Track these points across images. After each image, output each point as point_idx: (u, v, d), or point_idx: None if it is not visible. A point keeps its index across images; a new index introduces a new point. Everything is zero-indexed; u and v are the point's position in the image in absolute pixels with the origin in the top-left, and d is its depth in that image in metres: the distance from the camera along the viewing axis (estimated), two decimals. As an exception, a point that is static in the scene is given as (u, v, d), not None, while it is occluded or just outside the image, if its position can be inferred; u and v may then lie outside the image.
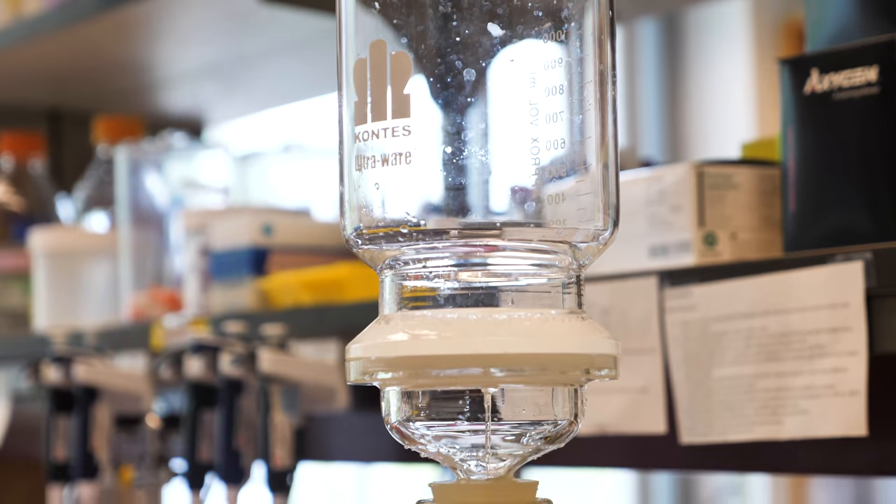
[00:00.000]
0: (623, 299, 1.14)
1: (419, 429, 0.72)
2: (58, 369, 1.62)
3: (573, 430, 0.73)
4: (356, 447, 1.55)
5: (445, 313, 0.70)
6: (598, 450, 1.27)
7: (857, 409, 1.00)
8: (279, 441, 1.42)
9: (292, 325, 1.44)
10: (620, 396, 1.17)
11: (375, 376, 0.71)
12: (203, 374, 1.47)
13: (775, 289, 1.04)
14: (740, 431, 1.09)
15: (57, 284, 1.87)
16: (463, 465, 0.72)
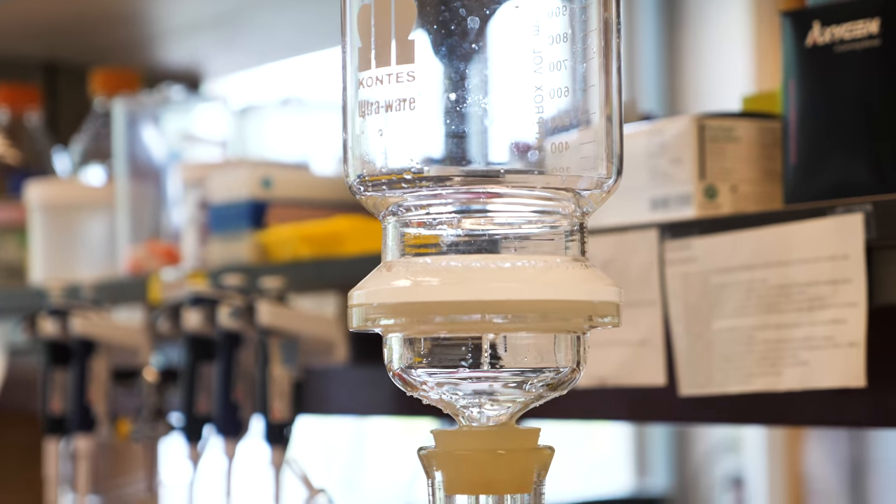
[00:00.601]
0: (623, 252, 1.14)
1: (421, 376, 0.72)
2: (54, 322, 1.62)
3: (575, 378, 0.73)
4: (354, 400, 1.55)
5: (448, 260, 0.70)
6: (597, 402, 1.27)
7: (856, 360, 1.01)
8: (277, 394, 1.42)
9: (291, 279, 1.43)
10: (620, 349, 1.17)
11: (378, 323, 0.71)
12: (201, 326, 1.47)
13: (775, 241, 1.04)
14: (739, 383, 1.09)
15: (53, 238, 1.86)
16: (465, 411, 0.72)
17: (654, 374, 1.15)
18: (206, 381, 1.49)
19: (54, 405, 1.63)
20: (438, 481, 0.71)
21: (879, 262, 1.00)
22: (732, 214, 1.10)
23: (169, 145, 1.78)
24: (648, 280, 1.14)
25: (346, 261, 1.41)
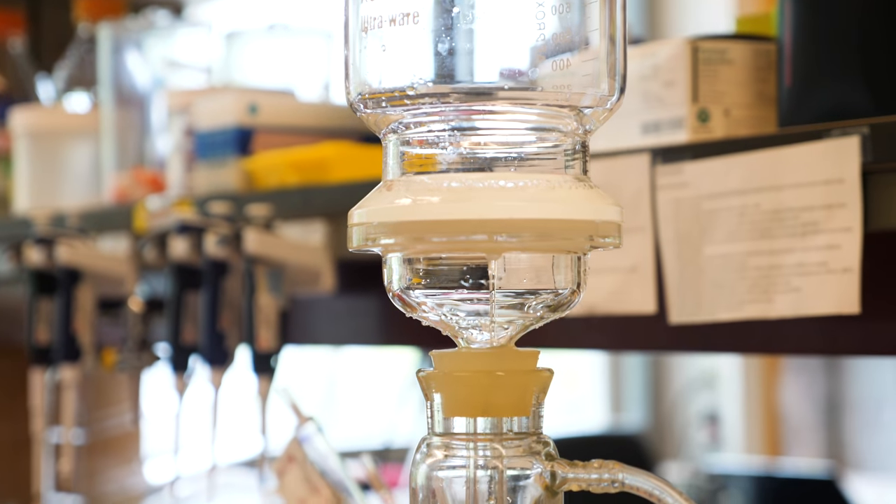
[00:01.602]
0: (614, 177, 1.13)
1: (420, 297, 0.71)
2: (40, 251, 1.60)
3: (575, 300, 0.73)
4: (341, 330, 1.55)
5: (449, 179, 0.69)
6: (586, 331, 1.27)
7: (851, 286, 1.00)
8: (264, 323, 1.41)
9: (278, 206, 1.42)
10: (610, 276, 1.17)
11: (378, 242, 0.70)
12: (187, 255, 1.46)
13: (769, 165, 1.04)
14: (731, 310, 1.09)
15: (38, 165, 1.85)
16: (464, 333, 0.72)
17: (644, 301, 1.15)
18: (192, 310, 1.48)
19: (40, 335, 1.62)
20: (437, 403, 0.71)
21: (875, 186, 0.99)
22: (725, 138, 1.09)
23: (153, 72, 1.76)
24: (639, 206, 1.13)
25: (333, 188, 1.40)
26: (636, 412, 5.13)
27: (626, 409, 5.14)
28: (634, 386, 5.23)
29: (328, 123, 1.55)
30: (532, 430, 0.70)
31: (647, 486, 0.67)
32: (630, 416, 5.13)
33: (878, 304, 1.05)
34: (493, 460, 0.68)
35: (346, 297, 1.51)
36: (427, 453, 0.70)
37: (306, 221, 1.44)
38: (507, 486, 0.68)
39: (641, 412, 5.13)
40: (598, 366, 5.19)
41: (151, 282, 1.67)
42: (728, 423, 5.01)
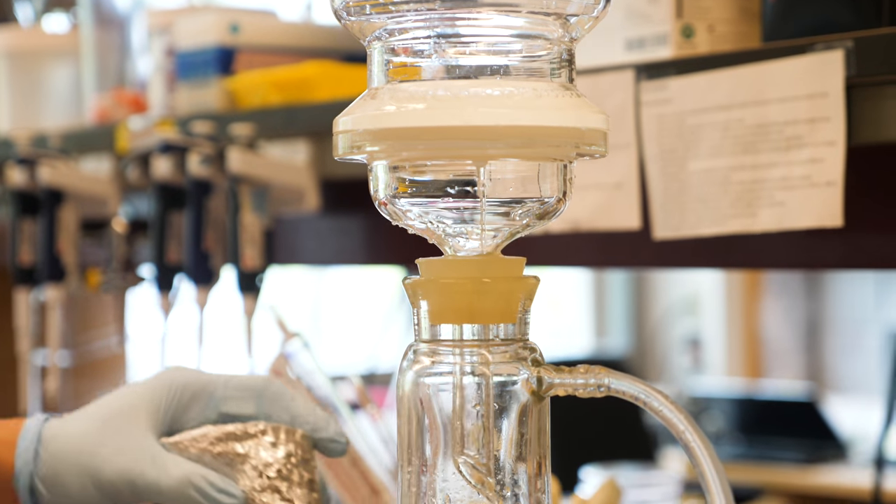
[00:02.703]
0: (598, 94, 1.13)
1: (406, 205, 0.71)
2: (22, 171, 1.60)
3: (561, 209, 0.73)
4: (325, 249, 1.55)
5: (435, 87, 0.69)
6: (571, 248, 1.27)
7: (834, 199, 1.01)
8: (249, 242, 1.41)
9: (261, 126, 1.42)
10: (594, 192, 1.17)
11: (363, 149, 0.70)
12: (171, 175, 1.46)
13: (753, 80, 1.04)
14: (714, 225, 1.09)
15: (18, 87, 1.83)
16: (450, 241, 0.72)
17: (629, 217, 1.15)
18: (176, 230, 1.48)
19: (23, 256, 1.62)
20: (424, 310, 0.71)
21: (859, 100, 0.99)
22: (709, 54, 1.09)
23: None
24: (623, 122, 1.13)
25: (316, 107, 1.39)
26: (619, 337, 5.16)
27: (609, 333, 5.17)
28: (618, 311, 5.25)
29: (310, 43, 1.54)
30: (518, 336, 0.70)
31: (633, 391, 0.68)
32: (613, 340, 5.15)
33: (861, 218, 1.05)
34: (479, 366, 0.69)
35: (330, 217, 1.51)
36: (414, 360, 0.70)
37: (290, 141, 1.44)
38: (494, 392, 0.69)
39: (624, 337, 5.16)
40: (582, 291, 5.21)
41: (135, 203, 1.67)
42: (710, 346, 5.04)
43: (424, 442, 0.70)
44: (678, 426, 0.66)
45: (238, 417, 0.87)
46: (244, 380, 0.87)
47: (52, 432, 0.85)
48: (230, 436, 0.85)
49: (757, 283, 5.01)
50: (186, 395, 0.86)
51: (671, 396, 2.32)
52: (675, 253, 1.19)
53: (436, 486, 0.69)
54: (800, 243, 1.12)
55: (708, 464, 0.64)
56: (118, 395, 0.87)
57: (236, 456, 0.85)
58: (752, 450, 4.03)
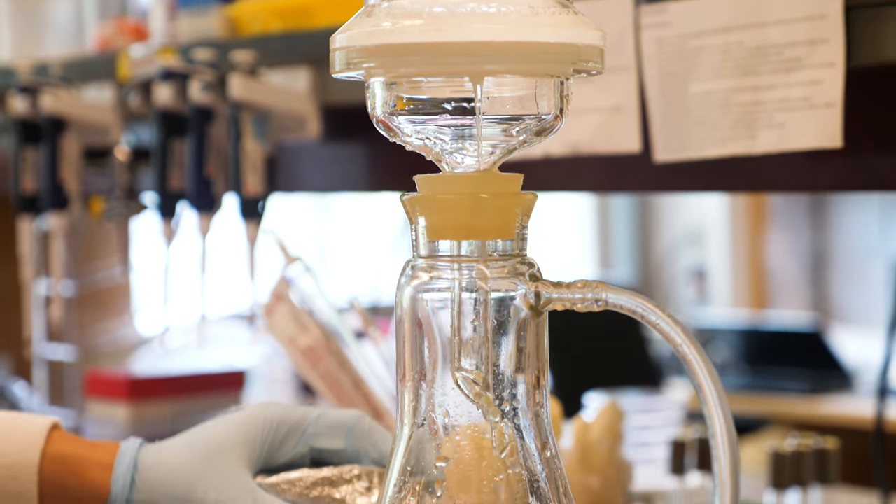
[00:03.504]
0: (597, 18, 1.12)
1: (403, 122, 0.72)
2: (24, 100, 1.60)
3: (558, 126, 0.73)
4: (327, 177, 1.55)
5: (431, 3, 0.68)
6: (572, 172, 1.28)
7: (833, 120, 1.01)
8: (250, 168, 1.42)
9: (262, 53, 1.42)
10: (594, 116, 1.17)
11: (359, 66, 0.70)
12: (172, 102, 1.46)
13: (752, 2, 1.04)
14: (714, 147, 1.09)
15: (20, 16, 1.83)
16: (447, 157, 0.72)
17: (629, 140, 1.15)
18: (178, 157, 1.49)
19: (26, 184, 1.63)
20: (421, 227, 0.71)
21: (858, 21, 0.99)
22: (710, -25, 1.08)
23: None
24: (623, 46, 1.13)
25: (316, 33, 1.39)
26: (624, 269, 5.16)
27: (614, 265, 5.18)
28: (622, 243, 5.25)
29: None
30: (516, 252, 0.71)
31: (630, 305, 0.68)
32: (618, 272, 5.16)
33: (861, 140, 1.05)
34: (477, 282, 0.69)
35: (332, 144, 1.52)
36: (412, 276, 0.71)
37: (291, 68, 1.44)
38: (492, 307, 0.69)
39: (629, 269, 5.16)
40: (587, 223, 5.21)
41: (137, 131, 1.67)
42: (715, 278, 5.05)
43: (423, 357, 0.70)
44: (675, 339, 0.66)
45: (327, 452, 0.88)
46: (336, 415, 0.88)
47: (149, 461, 0.85)
48: (326, 480, 0.87)
49: (762, 214, 5.01)
50: (282, 431, 0.87)
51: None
52: (676, 176, 1.19)
53: (434, 400, 0.70)
54: (800, 165, 1.12)
55: (704, 375, 0.64)
56: (215, 428, 0.87)
57: (332, 501, 0.86)
58: (756, 380, 4.04)
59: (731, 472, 0.63)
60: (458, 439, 0.70)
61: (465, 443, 0.70)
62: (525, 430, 0.70)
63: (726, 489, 0.62)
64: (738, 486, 0.63)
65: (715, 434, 0.63)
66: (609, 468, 1.23)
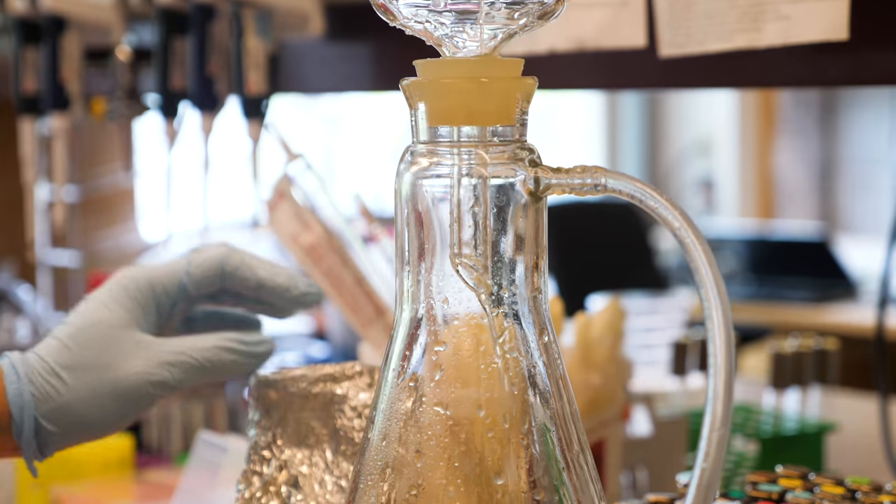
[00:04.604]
0: None
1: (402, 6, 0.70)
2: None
3: (559, 10, 0.72)
4: (331, 76, 1.54)
5: None
6: (577, 68, 1.26)
7: (839, 12, 1.00)
8: (253, 66, 1.41)
9: (263, -52, 1.40)
10: (600, 10, 1.16)
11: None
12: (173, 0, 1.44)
13: None
14: (720, 40, 1.08)
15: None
16: (447, 41, 0.71)
17: (635, 34, 1.14)
18: (179, 56, 1.48)
19: (27, 85, 1.62)
20: (421, 112, 0.71)
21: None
22: None
23: None
24: (629, -62, 1.12)
25: (318, -71, 1.37)
26: (630, 179, 5.14)
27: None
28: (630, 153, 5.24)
29: None
30: (516, 137, 0.70)
31: (629, 189, 0.67)
32: (624, 183, 5.14)
33: (868, 33, 1.04)
34: (477, 167, 0.68)
35: (336, 44, 1.50)
36: (411, 161, 0.70)
37: (293, -37, 1.42)
38: (492, 192, 0.68)
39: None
40: (595, 133, 5.20)
41: (138, 31, 1.65)
42: (723, 187, 5.04)
43: (422, 244, 0.70)
44: (673, 223, 0.66)
45: (230, 316, 0.88)
46: (204, 258, 0.86)
47: (37, 367, 0.82)
48: (328, 377, 0.87)
49: (771, 124, 4.99)
50: (157, 290, 0.85)
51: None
52: (682, 71, 1.18)
53: (433, 287, 0.70)
54: (807, 59, 1.11)
55: (701, 257, 0.64)
56: (87, 311, 0.83)
57: (334, 396, 0.86)
58: (763, 289, 4.05)
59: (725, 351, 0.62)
60: (457, 324, 0.69)
61: (463, 329, 0.70)
62: (523, 317, 0.70)
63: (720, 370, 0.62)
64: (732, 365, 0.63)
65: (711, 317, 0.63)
66: (610, 366, 1.22)
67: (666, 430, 1.38)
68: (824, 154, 4.86)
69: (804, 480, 0.94)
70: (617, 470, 1.26)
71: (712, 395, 0.62)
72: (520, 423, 0.69)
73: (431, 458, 0.69)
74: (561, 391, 0.70)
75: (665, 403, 1.56)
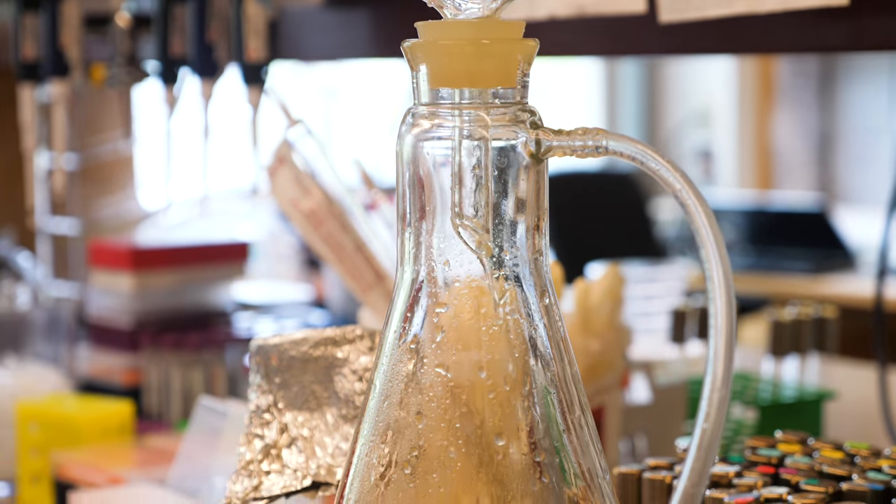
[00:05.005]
0: None
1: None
2: (23, -36, 1.59)
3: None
4: (331, 43, 1.54)
5: None
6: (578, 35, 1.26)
7: (840, -23, 1.00)
8: (252, 32, 1.40)
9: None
10: (599, -24, 1.16)
11: None
12: (173, -34, 1.44)
13: None
14: (719, 6, 1.08)
15: None
16: (449, 3, 0.71)
17: (634, 0, 1.14)
18: (179, 22, 1.47)
19: (27, 51, 1.61)
20: (423, 74, 0.71)
21: None
22: None
23: None
24: None
25: None
26: (629, 150, 5.14)
27: (619, 147, 5.15)
28: (629, 123, 5.23)
29: None
30: (517, 99, 0.70)
31: (630, 151, 0.67)
32: (623, 153, 5.14)
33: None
34: (478, 129, 0.69)
35: (336, 9, 1.50)
36: (413, 123, 0.70)
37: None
38: (493, 155, 0.69)
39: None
40: (594, 103, 5.19)
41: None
42: (721, 158, 5.04)
43: (423, 206, 0.70)
44: (675, 185, 0.66)
45: None
46: None
47: None
48: (329, 340, 0.87)
49: (770, 94, 4.99)
50: None
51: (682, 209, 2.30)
52: (682, 37, 1.18)
53: (434, 249, 0.70)
54: (807, 25, 1.10)
55: (702, 219, 0.64)
56: None
57: (335, 360, 0.86)
58: (761, 260, 4.05)
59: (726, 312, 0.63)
60: (458, 286, 0.70)
61: (464, 291, 0.70)
62: (524, 279, 0.70)
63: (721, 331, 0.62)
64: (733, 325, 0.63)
65: (712, 277, 0.63)
66: (609, 332, 1.23)
67: (665, 398, 1.39)
68: (823, 125, 4.86)
69: (803, 445, 0.94)
70: (616, 437, 1.26)
71: (713, 355, 0.62)
72: (521, 385, 0.69)
73: (433, 420, 0.69)
74: (562, 353, 0.71)
75: (664, 371, 1.56)
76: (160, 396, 1.62)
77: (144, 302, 1.69)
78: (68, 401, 1.49)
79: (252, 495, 0.85)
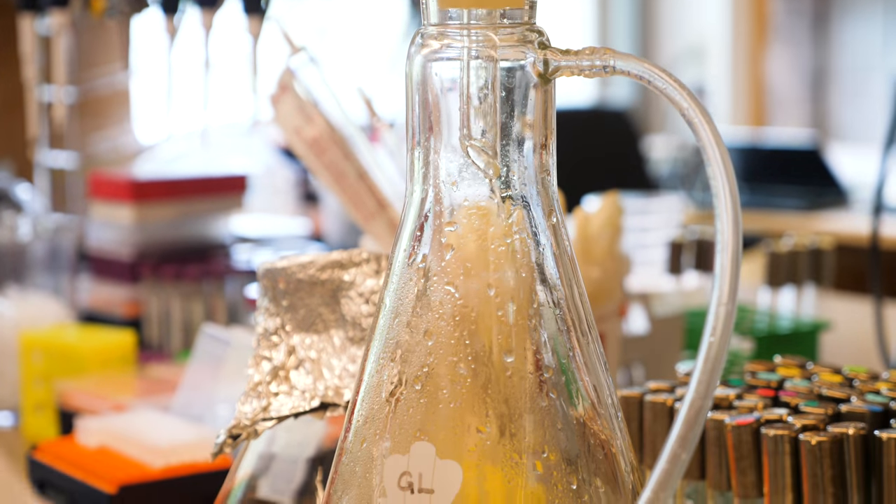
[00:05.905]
0: None
1: None
2: None
3: None
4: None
5: None
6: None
7: None
8: (253, -37, 1.40)
9: None
10: None
11: None
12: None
13: None
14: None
15: None
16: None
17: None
18: (179, -48, 1.47)
19: (26, -21, 1.61)
20: (431, -4, 0.71)
21: None
22: None
23: None
24: None
25: None
26: (623, 87, 5.14)
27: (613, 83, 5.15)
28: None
29: None
30: (525, 20, 0.71)
31: (638, 70, 0.68)
32: (617, 91, 5.14)
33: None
34: (487, 49, 0.69)
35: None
36: (422, 44, 0.71)
37: None
38: (501, 74, 0.69)
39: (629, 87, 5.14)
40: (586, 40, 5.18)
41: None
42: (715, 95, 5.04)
43: (431, 127, 0.71)
44: (682, 103, 0.67)
45: None
46: None
47: None
48: (335, 263, 0.87)
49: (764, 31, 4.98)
50: None
51: (675, 146, 2.35)
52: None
53: (442, 169, 0.71)
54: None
55: (708, 136, 0.64)
56: None
57: (342, 283, 0.87)
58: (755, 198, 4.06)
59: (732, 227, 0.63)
60: (467, 206, 0.70)
61: (472, 210, 0.71)
62: (531, 199, 0.71)
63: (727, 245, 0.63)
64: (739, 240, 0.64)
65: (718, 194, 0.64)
66: (609, 260, 1.24)
67: (662, 328, 1.40)
68: (817, 62, 4.86)
69: (802, 370, 0.95)
70: (614, 366, 1.27)
71: (720, 270, 0.63)
72: (528, 303, 0.70)
73: (442, 337, 0.70)
74: (569, 273, 0.72)
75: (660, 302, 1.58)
76: (160, 328, 1.64)
77: (144, 234, 1.70)
78: (71, 331, 1.50)
79: (261, 416, 0.86)
